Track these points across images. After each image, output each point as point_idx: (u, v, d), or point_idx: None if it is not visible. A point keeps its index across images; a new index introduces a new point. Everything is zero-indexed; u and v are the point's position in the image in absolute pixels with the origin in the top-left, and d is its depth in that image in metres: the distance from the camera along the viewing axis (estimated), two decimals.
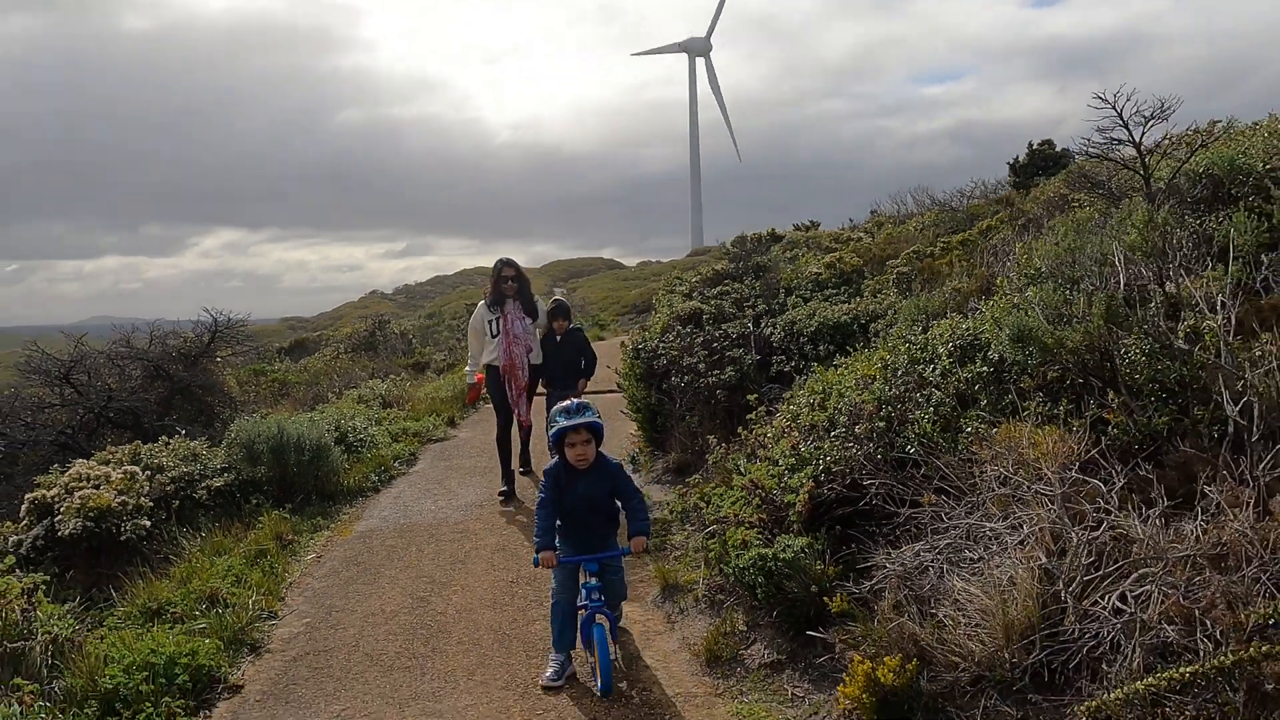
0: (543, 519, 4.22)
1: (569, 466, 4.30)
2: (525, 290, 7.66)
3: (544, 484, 4.32)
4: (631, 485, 4.45)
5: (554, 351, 7.62)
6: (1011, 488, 4.02)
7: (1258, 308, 4.92)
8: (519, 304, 7.51)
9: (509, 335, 7.41)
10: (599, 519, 4.38)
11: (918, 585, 3.91)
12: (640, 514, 4.34)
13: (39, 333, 10.62)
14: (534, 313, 7.63)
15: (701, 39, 73.94)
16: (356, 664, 4.58)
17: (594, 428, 4.30)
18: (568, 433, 4.24)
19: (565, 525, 4.36)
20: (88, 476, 6.14)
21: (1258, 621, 2.85)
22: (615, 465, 4.43)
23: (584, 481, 4.30)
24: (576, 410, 4.28)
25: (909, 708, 3.39)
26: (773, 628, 4.43)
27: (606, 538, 4.41)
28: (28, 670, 4.08)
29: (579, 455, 4.27)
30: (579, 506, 4.31)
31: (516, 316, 7.46)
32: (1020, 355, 4.68)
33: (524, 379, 7.52)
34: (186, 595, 5.18)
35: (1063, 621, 3.33)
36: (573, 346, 7.66)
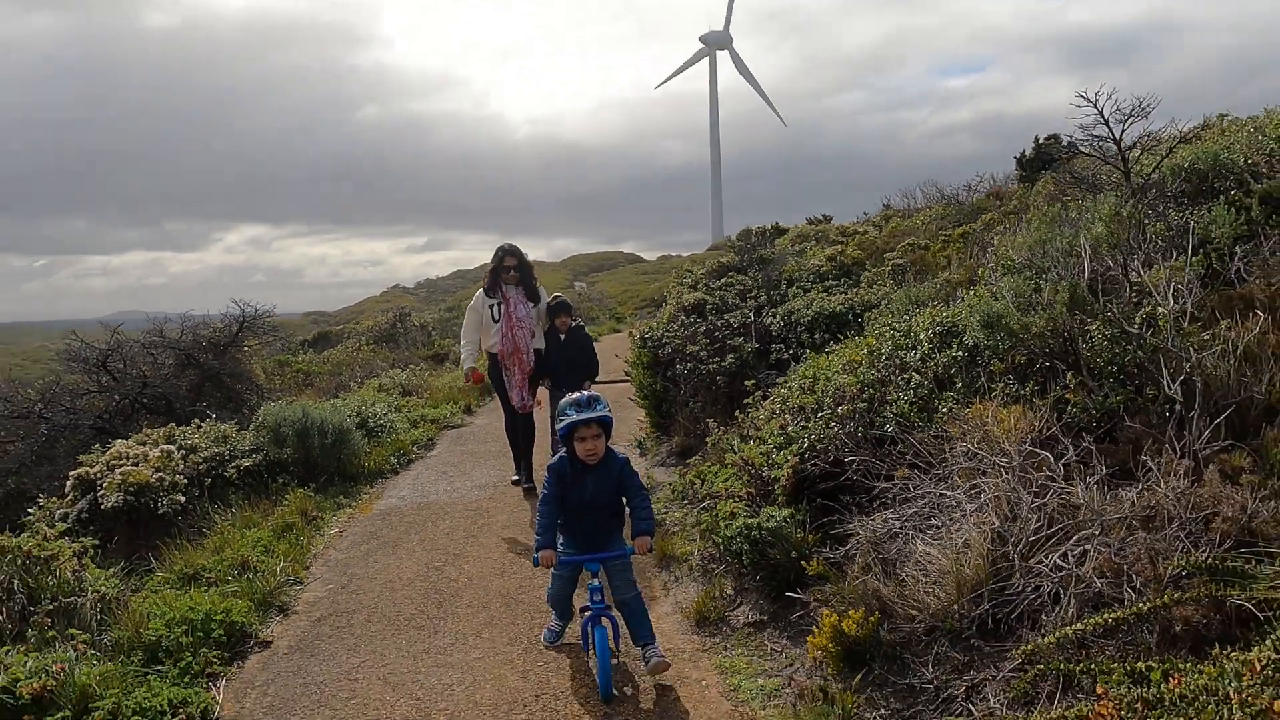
0: (544, 516, 4.07)
1: (575, 461, 4.13)
2: (527, 276, 7.47)
3: (547, 480, 4.14)
4: (637, 481, 4.26)
5: (558, 350, 7.40)
6: (975, 461, 4.36)
7: (1228, 297, 5.23)
8: (521, 290, 7.35)
9: (511, 319, 7.21)
10: (604, 516, 4.22)
11: (886, 549, 4.26)
12: (645, 513, 4.18)
13: (67, 327, 11.12)
14: (536, 297, 7.44)
15: (720, 32, 73.88)
16: (375, 624, 4.99)
17: (605, 422, 4.13)
18: (578, 427, 4.06)
19: (568, 522, 4.21)
20: (127, 455, 6.59)
21: (1173, 572, 3.19)
22: (622, 460, 4.24)
23: (591, 477, 4.13)
24: (588, 404, 4.09)
25: (870, 655, 3.74)
26: (757, 591, 4.80)
27: (611, 535, 4.25)
28: (80, 622, 4.52)
29: (589, 450, 4.08)
30: (584, 503, 4.15)
31: (519, 300, 7.28)
32: (991, 340, 5.02)
33: (529, 363, 7.30)
34: (219, 563, 5.61)
35: (1010, 578, 3.67)
36: (577, 345, 7.46)
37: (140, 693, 3.95)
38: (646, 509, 4.21)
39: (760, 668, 4.19)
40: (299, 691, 4.23)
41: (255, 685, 4.34)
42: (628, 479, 4.21)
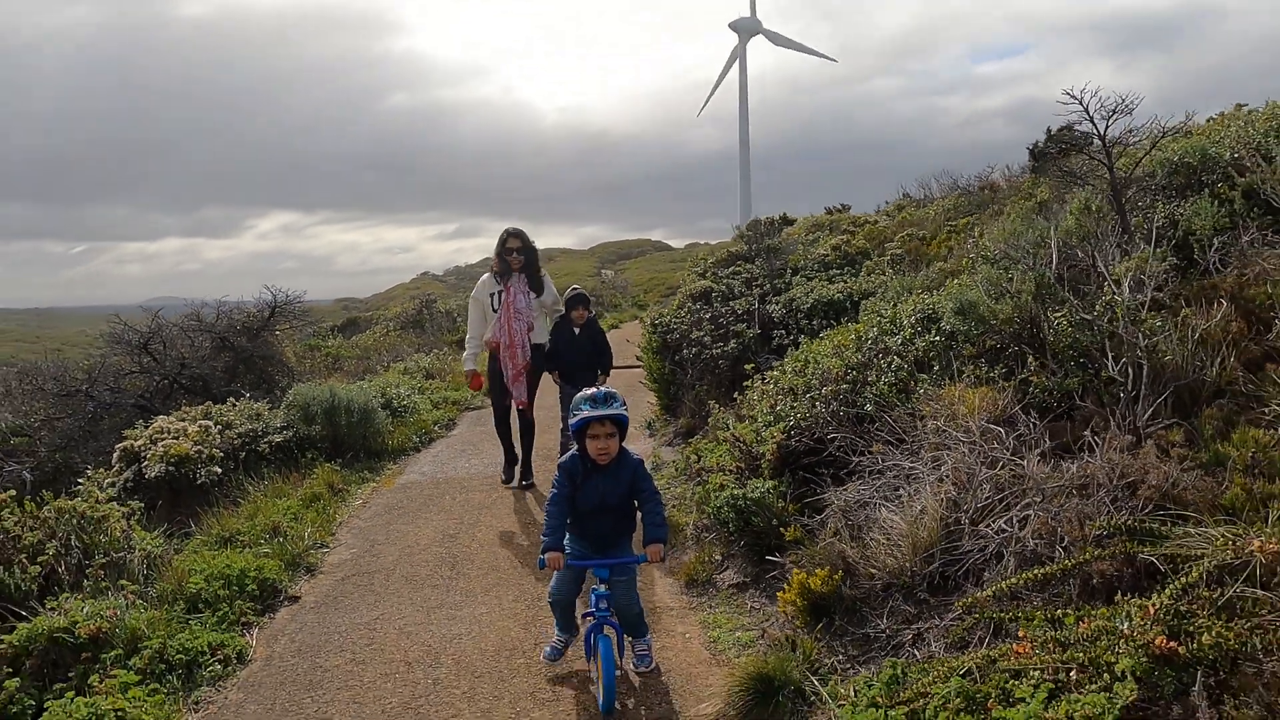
0: (552, 517, 3.88)
1: (586, 460, 3.92)
2: (532, 262, 7.08)
3: (557, 478, 3.96)
4: (651, 485, 4.04)
5: (571, 344, 7.05)
6: (941, 438, 4.74)
7: (1202, 286, 5.55)
8: (524, 278, 6.97)
9: (509, 309, 6.84)
10: (614, 519, 4.01)
11: (855, 516, 4.65)
12: (658, 518, 3.97)
13: (105, 312, 11.71)
14: (539, 288, 7.07)
15: (750, 18, 73.57)
16: (394, 582, 5.45)
17: (620, 420, 3.91)
18: (591, 424, 3.86)
19: (576, 524, 4.01)
20: (168, 430, 7.11)
21: (1096, 533, 3.56)
22: (636, 461, 4.02)
23: (602, 478, 3.92)
24: (604, 400, 3.87)
25: (833, 609, 4.14)
26: (741, 556, 5.21)
27: (621, 539, 4.07)
28: (129, 575, 5.02)
29: (601, 449, 3.87)
30: (595, 505, 3.95)
31: (520, 290, 6.91)
32: (964, 326, 5.38)
33: (522, 359, 6.91)
34: (253, 528, 6.10)
35: (960, 540, 4.06)
36: (591, 338, 7.14)
37: (183, 636, 4.43)
38: (659, 514, 3.98)
39: (739, 623, 4.60)
40: (323, 639, 4.70)
41: (285, 633, 4.83)
42: (641, 482, 3.99)
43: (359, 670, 4.31)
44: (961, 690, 3.13)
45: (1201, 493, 3.61)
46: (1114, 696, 2.77)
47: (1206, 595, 3.03)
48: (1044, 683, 2.97)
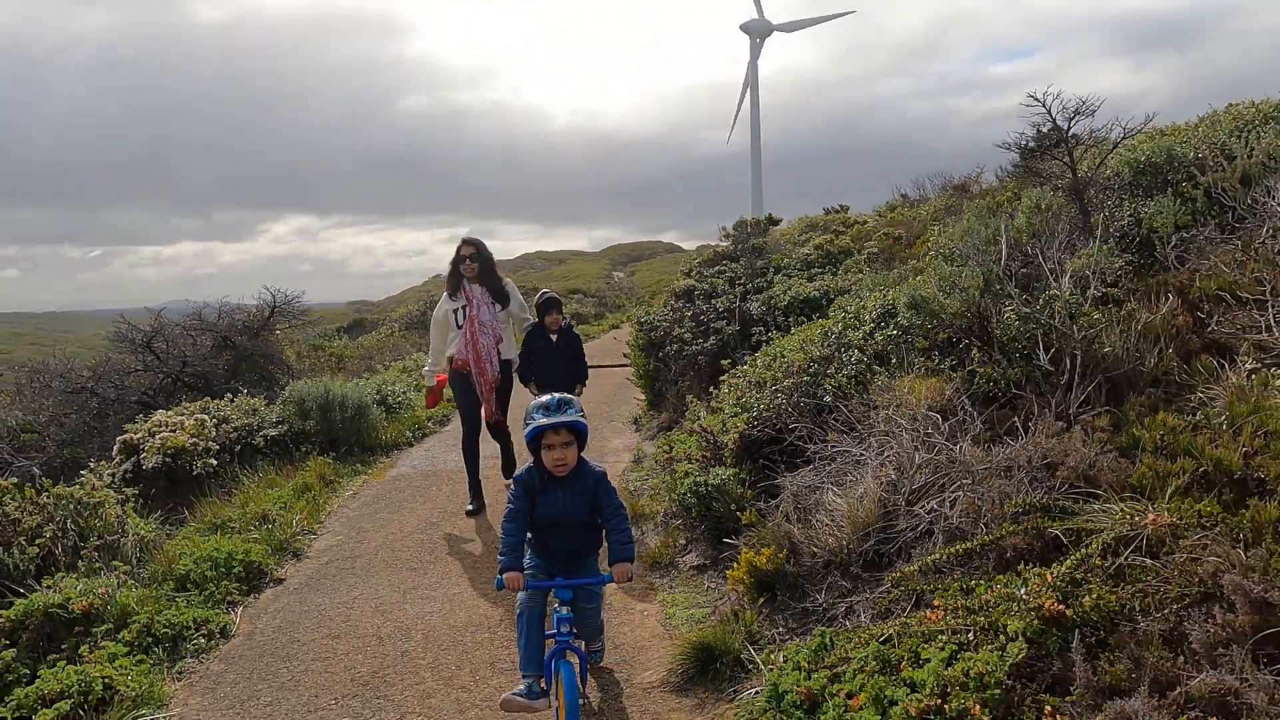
0: (509, 534, 3.55)
1: (544, 473, 3.62)
2: (489, 271, 6.61)
3: (513, 492, 3.66)
4: (615, 499, 3.72)
5: (547, 353, 6.63)
6: (889, 425, 4.98)
7: (1156, 282, 5.77)
8: (485, 290, 6.54)
9: (474, 323, 6.41)
10: (576, 535, 3.73)
11: (805, 500, 4.89)
12: (624, 535, 3.65)
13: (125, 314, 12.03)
14: (503, 298, 6.63)
15: (759, 20, 73.54)
16: (375, 566, 5.72)
17: (577, 428, 3.61)
18: (545, 432, 3.55)
19: (537, 540, 3.74)
20: (166, 423, 7.41)
21: (1013, 510, 3.80)
22: (599, 474, 3.72)
23: (561, 491, 3.63)
24: (557, 407, 3.56)
25: (776, 585, 4.38)
26: (703, 540, 5.45)
27: (584, 557, 3.79)
28: (121, 557, 5.31)
29: (557, 460, 3.57)
30: (553, 518, 3.66)
31: (483, 301, 6.48)
32: (917, 320, 5.62)
33: (492, 374, 6.53)
34: (243, 515, 6.39)
35: (896, 520, 4.30)
36: (568, 345, 6.76)
37: (169, 612, 4.72)
38: (625, 531, 3.67)
39: (695, 601, 4.85)
40: (303, 616, 4.97)
41: (267, 611, 5.10)
42: (603, 496, 3.68)
43: (333, 644, 4.59)
44: (878, 654, 3.38)
45: (1115, 473, 3.83)
46: (1005, 655, 3.01)
47: (1100, 564, 3.27)
48: (949, 645, 3.21)
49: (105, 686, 4.00)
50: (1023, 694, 2.90)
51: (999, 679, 2.93)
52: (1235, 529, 3.20)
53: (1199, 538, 3.16)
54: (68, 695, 3.90)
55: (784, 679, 3.52)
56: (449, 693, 4.01)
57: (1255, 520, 3.18)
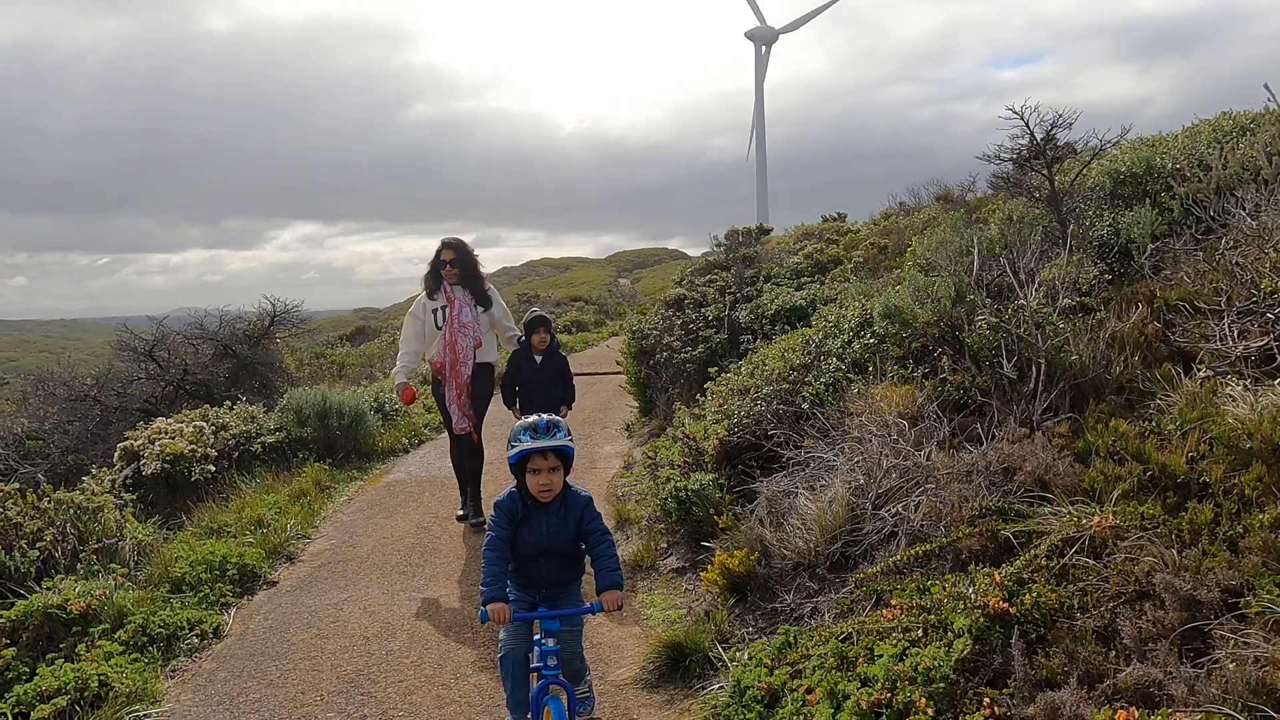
0: (491, 563, 3.37)
1: (527, 497, 3.45)
2: (471, 273, 6.45)
3: (494, 518, 3.46)
4: (601, 525, 3.56)
5: (534, 374, 6.47)
6: (862, 431, 5.13)
7: (1131, 291, 5.91)
8: (468, 292, 6.44)
9: (454, 323, 6.30)
10: (559, 563, 3.54)
11: (780, 504, 5.04)
12: (611, 562, 3.45)
13: (131, 323, 12.22)
14: (485, 301, 6.51)
15: (763, 27, 73.63)
16: (365, 569, 5.89)
17: (564, 453, 3.44)
18: (532, 456, 3.38)
19: (518, 569, 3.52)
20: (165, 430, 7.60)
21: (970, 513, 3.95)
22: (585, 499, 3.55)
23: (545, 517, 3.45)
24: (545, 429, 3.38)
25: (748, 586, 4.54)
26: (683, 543, 5.61)
27: (568, 586, 3.60)
28: (119, 560, 5.49)
29: (543, 485, 3.40)
30: (536, 547, 3.47)
31: (465, 303, 6.38)
32: (891, 329, 5.77)
33: (465, 375, 6.37)
34: (239, 520, 6.56)
35: (863, 523, 4.45)
36: (554, 366, 6.58)
37: (164, 613, 4.89)
38: (613, 558, 3.48)
39: (672, 602, 5.00)
40: (294, 617, 5.14)
41: (260, 612, 5.27)
42: (589, 522, 3.51)
43: (322, 643, 4.75)
44: (836, 651, 3.54)
45: (1069, 477, 3.98)
46: (951, 650, 3.16)
47: (1046, 564, 3.43)
48: (901, 641, 3.37)
49: (101, 684, 4.16)
50: (966, 687, 3.06)
51: (945, 673, 3.09)
52: (1174, 530, 3.34)
53: (1138, 539, 3.31)
54: (65, 692, 4.07)
55: (746, 675, 3.67)
56: (430, 690, 4.17)
57: (1193, 522, 3.33)
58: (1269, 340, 4.28)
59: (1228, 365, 4.45)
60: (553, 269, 66.79)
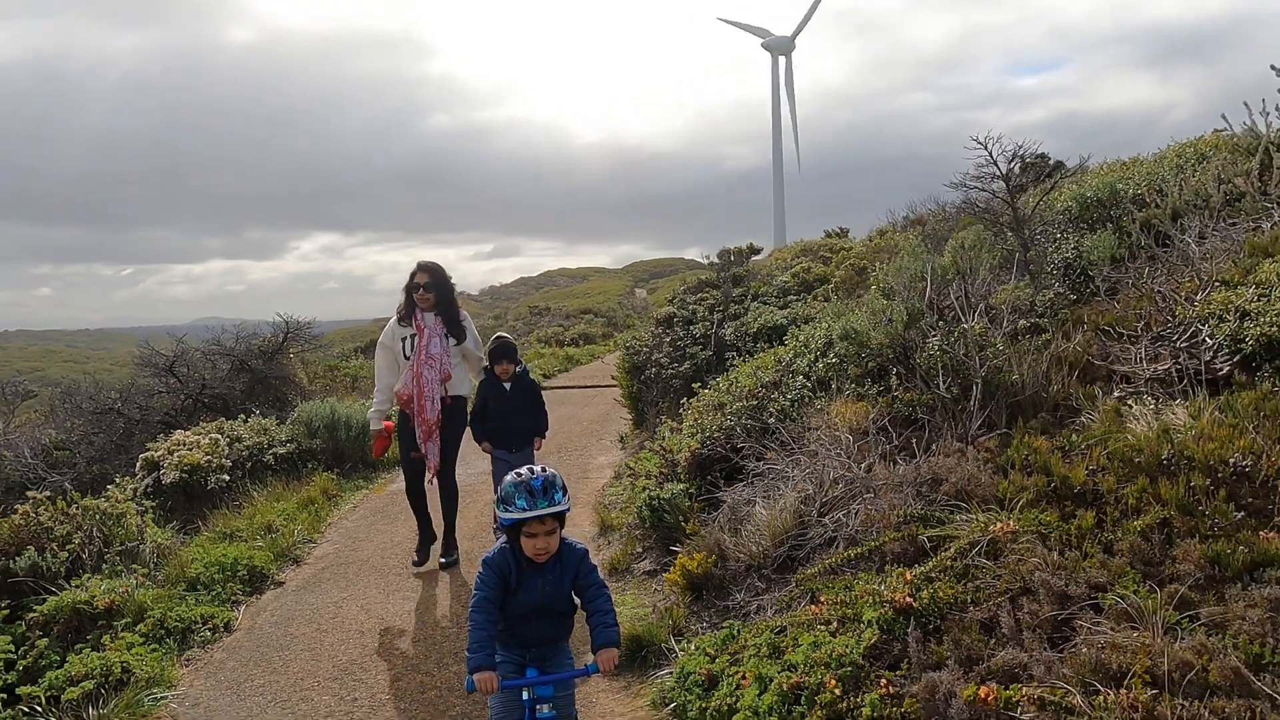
0: (479, 626, 3.10)
1: (522, 559, 3.16)
2: (446, 300, 6.08)
3: (482, 576, 3.18)
4: (597, 577, 3.31)
5: (501, 405, 6.09)
6: (817, 445, 5.59)
7: (1077, 315, 6.33)
8: (439, 320, 6.04)
9: (421, 354, 5.92)
10: (552, 622, 3.30)
11: (740, 512, 5.50)
12: (608, 617, 3.22)
13: (153, 333, 12.82)
14: (459, 332, 6.12)
15: (785, 38, 73.93)
16: (365, 571, 6.38)
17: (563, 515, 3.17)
18: (529, 522, 3.08)
19: (506, 629, 3.25)
20: (183, 442, 8.14)
21: (896, 520, 4.39)
22: (580, 552, 3.29)
23: (540, 578, 3.19)
24: (543, 491, 3.07)
25: (705, 586, 4.99)
26: (656, 548, 6.07)
27: (559, 643, 3.38)
28: (140, 561, 6.01)
29: (540, 549, 3.12)
30: (531, 608, 3.22)
31: (435, 332, 5.99)
32: (851, 350, 6.22)
33: (431, 413, 5.99)
34: (250, 526, 7.07)
35: (808, 529, 4.90)
36: (523, 395, 6.18)
37: (180, 609, 5.40)
38: (609, 612, 3.25)
39: (641, 601, 5.46)
40: (297, 614, 5.64)
41: (267, 610, 5.77)
42: (585, 576, 3.27)
43: (321, 637, 5.25)
44: (770, 642, 4.00)
45: (987, 488, 4.42)
46: (861, 639, 3.61)
47: (951, 565, 3.87)
48: (821, 632, 3.82)
49: (123, 670, 4.66)
50: (870, 670, 3.50)
51: (854, 659, 3.54)
52: (1062, 535, 3.78)
53: (1029, 542, 3.75)
54: (91, 677, 4.57)
55: (690, 662, 4.14)
56: (414, 677, 4.66)
57: (1079, 528, 3.77)
58: (1172, 365, 4.70)
59: (1142, 386, 4.88)
60: (570, 279, 67.27)
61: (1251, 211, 6.95)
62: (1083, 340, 5.72)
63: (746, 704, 3.68)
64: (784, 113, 70.08)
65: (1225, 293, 5.00)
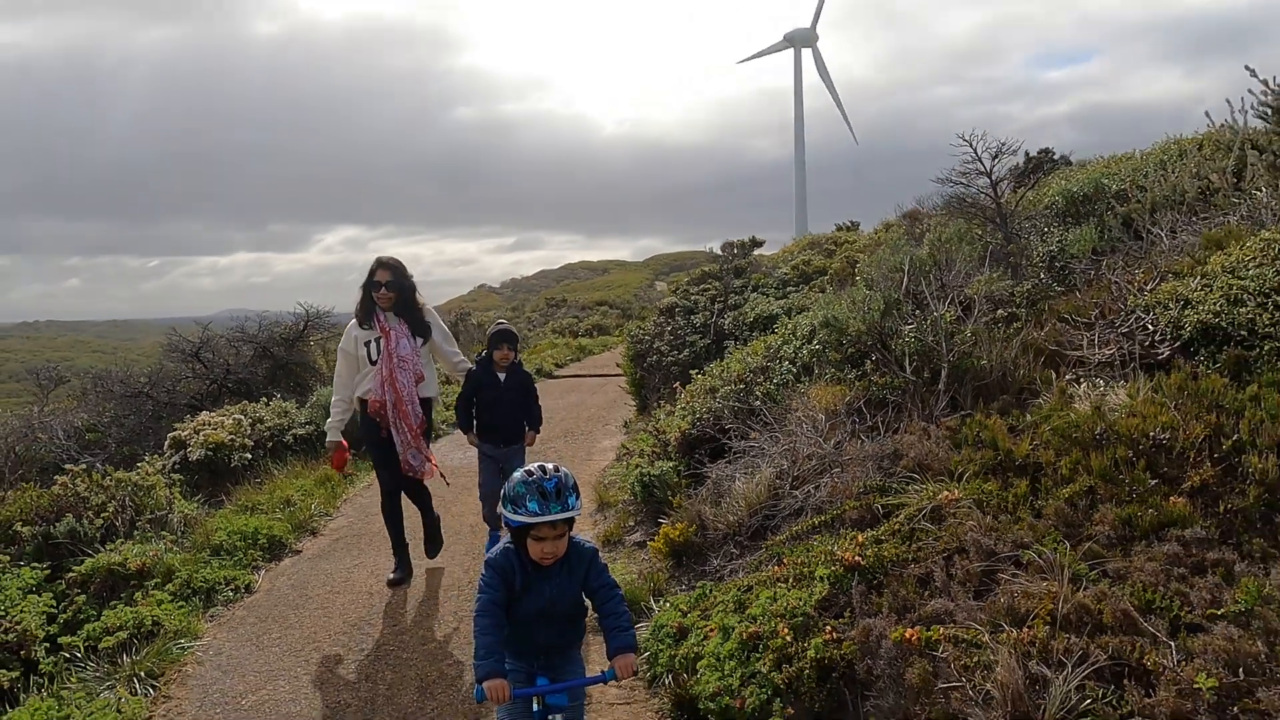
0: (485, 630, 2.90)
1: (528, 563, 2.97)
2: (407, 299, 5.71)
3: (485, 578, 2.99)
4: (608, 578, 3.13)
5: (496, 395, 5.78)
6: (796, 425, 5.97)
7: (1052, 304, 6.66)
8: (403, 320, 5.68)
9: (391, 358, 5.56)
10: (561, 626, 3.11)
11: (722, 486, 5.89)
12: (622, 620, 3.03)
13: (179, 324, 13.36)
14: (424, 330, 5.79)
15: (806, 29, 73.85)
16: (376, 541, 6.83)
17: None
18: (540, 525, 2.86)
19: (514, 634, 3.05)
20: (209, 423, 8.63)
21: (858, 490, 4.78)
22: (590, 552, 3.10)
23: (547, 581, 3.00)
24: (556, 493, 2.85)
25: (685, 553, 5.40)
26: (646, 521, 6.47)
27: (569, 649, 3.20)
28: (169, 529, 6.50)
29: (547, 553, 2.93)
30: (538, 612, 3.03)
31: (402, 334, 5.64)
32: (830, 337, 6.59)
33: (415, 417, 5.68)
34: (271, 500, 7.55)
35: (781, 501, 5.29)
36: (518, 386, 5.88)
37: (205, 571, 5.86)
38: (624, 615, 3.05)
39: (630, 569, 5.87)
40: (312, 578, 6.10)
41: (284, 574, 6.24)
42: (596, 577, 3.09)
43: (334, 598, 5.70)
44: (736, 599, 4.39)
45: (942, 461, 4.80)
46: (813, 593, 4.00)
47: (899, 528, 4.25)
48: (781, 589, 4.22)
49: (154, 623, 5.13)
50: (819, 620, 3.90)
51: (805, 610, 3.93)
52: (1000, 501, 4.16)
53: (967, 508, 4.13)
54: (125, 628, 5.03)
55: (664, 617, 4.55)
56: (416, 632, 5.10)
57: (1015, 495, 4.14)
58: (1116, 350, 5.05)
59: (1093, 370, 5.23)
60: (590, 272, 67.58)
61: (1223, 206, 7.27)
62: (1053, 329, 6.06)
63: (710, 650, 4.08)
64: (806, 104, 70.02)
65: (1173, 283, 5.34)
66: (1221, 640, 2.91)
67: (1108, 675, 2.95)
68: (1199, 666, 2.83)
